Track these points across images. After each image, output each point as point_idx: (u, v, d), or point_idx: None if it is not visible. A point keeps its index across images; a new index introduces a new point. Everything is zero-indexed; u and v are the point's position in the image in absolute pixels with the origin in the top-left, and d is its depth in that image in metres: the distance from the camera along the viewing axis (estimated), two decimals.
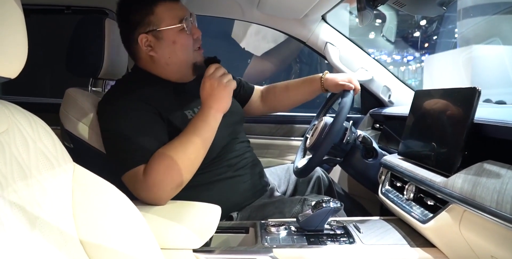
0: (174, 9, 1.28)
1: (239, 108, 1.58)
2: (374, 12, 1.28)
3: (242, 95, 1.71)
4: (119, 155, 1.20)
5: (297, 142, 2.08)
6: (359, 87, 1.54)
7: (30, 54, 0.68)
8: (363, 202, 1.75)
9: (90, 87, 1.46)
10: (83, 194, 0.77)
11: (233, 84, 1.21)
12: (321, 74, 1.63)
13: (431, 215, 0.99)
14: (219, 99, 1.19)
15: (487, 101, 1.50)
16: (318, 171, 1.68)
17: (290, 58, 3.10)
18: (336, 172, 2.04)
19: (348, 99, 1.41)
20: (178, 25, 1.27)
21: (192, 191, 1.22)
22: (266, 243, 1.07)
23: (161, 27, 1.27)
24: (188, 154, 1.16)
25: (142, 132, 1.19)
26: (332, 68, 1.95)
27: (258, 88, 1.79)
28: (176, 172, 1.13)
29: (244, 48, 3.05)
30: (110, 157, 1.24)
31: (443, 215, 0.93)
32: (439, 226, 0.96)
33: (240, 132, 1.51)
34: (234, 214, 1.37)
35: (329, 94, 1.71)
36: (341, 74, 1.59)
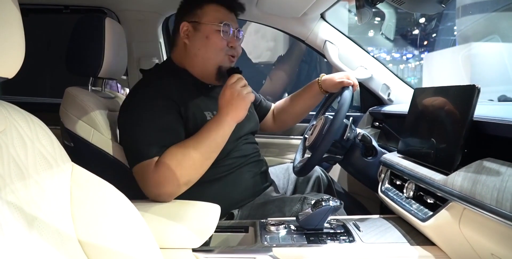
0: (220, 12, 1.37)
1: (257, 119, 1.63)
2: (373, 10, 1.27)
3: (259, 112, 1.74)
4: (135, 145, 1.23)
5: (296, 141, 2.08)
6: (357, 83, 1.55)
7: (31, 54, 0.68)
8: (363, 201, 1.75)
9: (90, 86, 1.45)
10: (81, 194, 0.76)
11: (252, 97, 1.25)
12: (318, 78, 1.65)
13: (431, 213, 0.99)
14: (236, 109, 1.22)
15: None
16: (318, 170, 1.68)
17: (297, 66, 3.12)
18: (336, 171, 2.04)
19: (347, 96, 1.41)
20: (215, 24, 1.34)
21: (195, 188, 1.23)
22: (265, 242, 1.07)
23: (202, 21, 1.35)
24: (199, 155, 1.19)
25: (159, 127, 1.23)
26: (332, 67, 1.95)
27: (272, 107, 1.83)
28: (185, 170, 1.16)
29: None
30: (126, 147, 1.28)
31: (443, 213, 0.93)
32: (439, 224, 0.96)
33: (250, 136, 1.54)
34: (235, 212, 1.37)
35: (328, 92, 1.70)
36: (338, 73, 1.59)
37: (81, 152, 1.30)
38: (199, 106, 1.34)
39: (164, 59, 2.07)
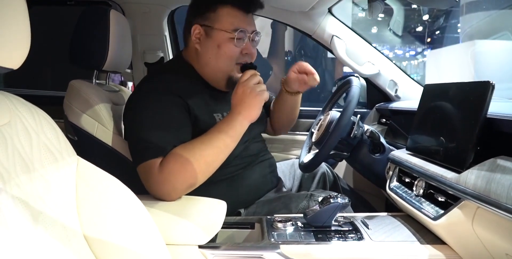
0: (236, 17, 1.26)
1: (264, 117, 1.56)
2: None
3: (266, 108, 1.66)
4: (139, 144, 1.17)
5: (302, 137, 2.06)
6: (312, 70, 1.45)
7: (34, 46, 0.66)
8: (368, 198, 1.73)
9: (94, 79, 1.44)
10: (87, 188, 0.75)
11: (266, 95, 1.17)
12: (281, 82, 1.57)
13: (442, 211, 0.97)
14: (249, 107, 1.15)
15: None
16: (323, 166, 1.66)
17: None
18: (341, 168, 2.02)
19: (355, 93, 1.39)
20: (229, 32, 1.25)
21: (202, 187, 1.17)
22: (273, 239, 1.05)
23: (215, 26, 1.26)
24: (205, 157, 1.12)
25: (166, 125, 1.17)
26: (337, 62, 1.93)
27: None
28: (189, 173, 1.10)
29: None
30: (130, 144, 1.23)
31: (455, 212, 0.91)
32: (450, 223, 0.94)
33: (258, 136, 1.49)
34: (242, 210, 1.36)
35: (334, 88, 1.69)
36: (291, 68, 1.50)
37: (85, 146, 1.28)
38: (208, 107, 1.29)
39: (169, 52, 2.05)
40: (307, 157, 1.52)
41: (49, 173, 0.69)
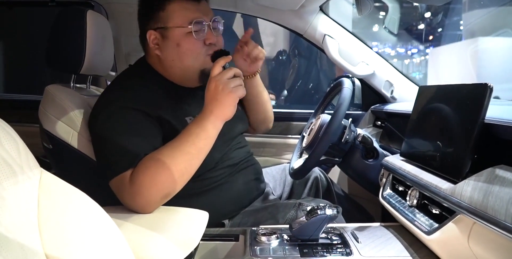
0: (187, 9, 1.17)
1: (244, 115, 1.46)
2: (376, 4, 1.19)
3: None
4: (107, 158, 1.10)
5: (294, 140, 2.00)
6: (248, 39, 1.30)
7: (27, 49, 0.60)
8: (364, 204, 1.66)
9: (72, 84, 1.37)
10: (50, 204, 0.69)
11: (241, 91, 1.05)
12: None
13: (437, 225, 0.90)
14: (221, 105, 1.04)
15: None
16: (316, 171, 1.58)
17: None
18: (336, 172, 1.96)
19: (346, 95, 1.32)
20: (184, 27, 1.16)
21: (182, 200, 1.11)
22: (255, 255, 0.99)
23: (169, 25, 1.17)
24: (177, 165, 1.04)
25: (133, 135, 1.09)
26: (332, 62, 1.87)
27: None
28: (161, 184, 1.03)
29: None
30: (99, 160, 1.15)
31: (450, 226, 0.84)
32: (445, 238, 0.87)
33: (241, 139, 1.40)
34: (226, 221, 1.29)
35: (328, 89, 1.62)
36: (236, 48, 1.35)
37: (60, 155, 1.21)
38: (180, 111, 1.22)
39: None
40: (297, 163, 1.46)
41: (6, 188, 0.62)
